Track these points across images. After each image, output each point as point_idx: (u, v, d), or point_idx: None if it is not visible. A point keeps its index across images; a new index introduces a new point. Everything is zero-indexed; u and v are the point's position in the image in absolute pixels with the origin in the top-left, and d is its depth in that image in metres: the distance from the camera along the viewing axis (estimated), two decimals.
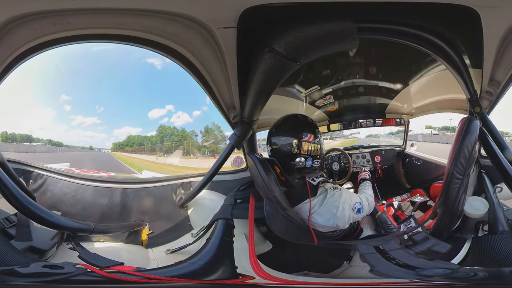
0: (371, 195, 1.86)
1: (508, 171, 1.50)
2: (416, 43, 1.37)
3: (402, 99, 2.69)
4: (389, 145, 3.11)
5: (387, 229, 1.93)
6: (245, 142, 1.77)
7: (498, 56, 1.39)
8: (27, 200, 1.31)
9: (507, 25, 1.27)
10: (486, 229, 1.63)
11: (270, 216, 1.56)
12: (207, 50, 1.38)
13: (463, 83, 1.54)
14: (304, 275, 1.62)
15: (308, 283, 1.56)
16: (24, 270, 1.16)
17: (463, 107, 1.97)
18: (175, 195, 2.04)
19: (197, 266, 1.42)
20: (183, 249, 1.74)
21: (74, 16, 1.24)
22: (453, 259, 1.48)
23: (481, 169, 1.83)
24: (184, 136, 4.75)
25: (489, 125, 1.59)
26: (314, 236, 1.47)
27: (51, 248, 1.47)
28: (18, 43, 1.30)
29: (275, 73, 1.35)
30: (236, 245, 1.62)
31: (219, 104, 1.67)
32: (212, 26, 1.27)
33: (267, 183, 1.43)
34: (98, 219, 1.84)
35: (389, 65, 2.24)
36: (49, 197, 1.80)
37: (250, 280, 1.45)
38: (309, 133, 1.56)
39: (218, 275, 1.45)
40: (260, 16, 1.21)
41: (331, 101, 2.67)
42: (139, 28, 1.31)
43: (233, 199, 1.83)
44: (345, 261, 1.76)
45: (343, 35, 1.18)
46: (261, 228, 1.87)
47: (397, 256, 1.52)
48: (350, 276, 1.69)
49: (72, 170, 2.00)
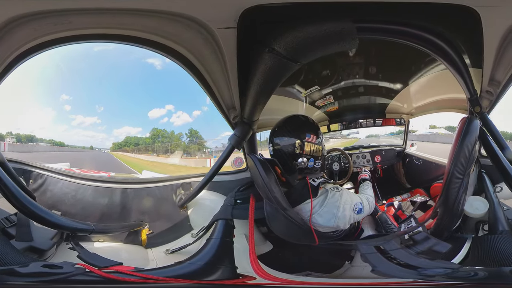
0: (371, 195, 1.86)
1: (508, 170, 1.50)
2: (416, 43, 1.37)
3: (402, 99, 2.69)
4: (389, 145, 3.11)
5: (387, 229, 1.93)
6: (245, 143, 1.77)
7: (498, 56, 1.38)
8: (27, 199, 1.30)
9: (507, 24, 1.27)
10: (486, 229, 1.63)
11: (271, 217, 1.56)
12: (207, 50, 1.38)
13: (463, 83, 1.54)
14: (306, 275, 1.62)
15: (309, 283, 1.56)
16: (24, 269, 1.16)
17: (463, 107, 1.97)
18: (175, 195, 2.04)
19: (197, 267, 1.42)
20: (182, 250, 1.74)
21: (75, 16, 1.24)
22: (454, 259, 1.48)
23: (481, 168, 1.83)
24: (172, 138, 5.42)
25: (489, 125, 1.58)
26: (315, 236, 1.47)
27: (51, 248, 1.47)
28: (19, 43, 1.30)
29: (275, 73, 1.35)
30: (236, 246, 1.62)
31: (219, 104, 1.67)
32: (212, 26, 1.27)
33: (267, 183, 1.44)
34: (98, 219, 1.84)
35: (389, 65, 2.24)
36: (49, 197, 1.80)
37: (250, 280, 1.45)
38: (311, 134, 1.57)
39: (217, 275, 1.45)
40: (260, 16, 1.21)
41: (331, 101, 2.67)
42: (139, 28, 1.31)
43: (233, 200, 1.83)
44: (347, 261, 1.76)
45: (343, 35, 1.18)
46: (262, 228, 1.87)
47: (398, 256, 1.52)
48: (352, 276, 1.69)
49: (72, 170, 2.00)
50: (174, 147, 5.33)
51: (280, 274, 1.54)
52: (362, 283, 1.56)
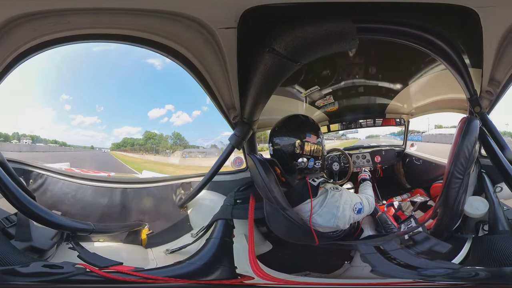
0: (371, 195, 1.86)
1: (508, 170, 1.50)
2: (416, 43, 1.37)
3: (402, 99, 2.69)
4: (389, 145, 3.12)
5: (387, 229, 1.93)
6: (245, 143, 1.77)
7: (498, 56, 1.38)
8: (27, 199, 1.31)
9: (507, 25, 1.27)
10: (486, 229, 1.63)
11: (270, 217, 1.56)
12: (208, 50, 1.38)
13: (463, 83, 1.53)
14: (305, 275, 1.62)
15: (308, 283, 1.55)
16: (25, 269, 1.16)
17: (463, 107, 1.97)
18: (175, 195, 2.03)
19: (196, 266, 1.42)
20: (182, 249, 1.74)
21: (74, 16, 1.24)
22: (454, 259, 1.48)
23: (481, 168, 1.83)
24: (160, 139, 6.22)
25: (489, 125, 1.58)
26: (315, 236, 1.46)
27: (51, 248, 1.47)
28: (18, 43, 1.29)
29: (275, 73, 1.35)
30: (236, 246, 1.62)
31: (219, 104, 1.67)
32: (213, 26, 1.27)
33: (267, 183, 1.43)
34: (98, 219, 1.84)
35: (389, 65, 2.24)
36: (49, 197, 1.80)
37: (249, 280, 1.44)
38: (312, 133, 1.56)
39: (216, 275, 1.45)
40: (261, 16, 1.21)
41: (331, 101, 2.67)
42: (140, 28, 1.31)
43: (233, 200, 1.82)
44: (346, 261, 1.75)
45: (343, 35, 1.18)
46: (261, 228, 1.87)
47: (398, 256, 1.52)
48: (352, 276, 1.68)
49: (72, 170, 2.00)
50: (162, 148, 6.16)
51: (278, 274, 1.54)
52: (361, 283, 1.56)
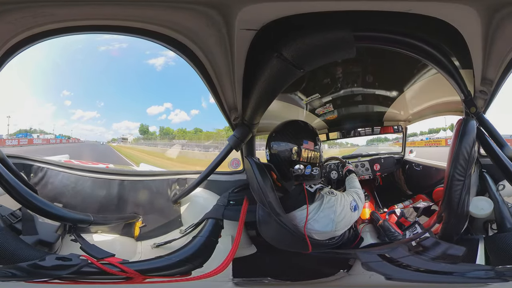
0: (359, 187, 1.79)
1: (509, 168, 1.49)
2: (405, 50, 1.40)
3: (398, 106, 2.73)
4: (388, 152, 3.12)
5: (391, 236, 1.86)
6: (244, 145, 1.76)
7: (485, 55, 1.39)
8: (29, 194, 1.32)
9: (477, 22, 1.24)
10: (495, 228, 1.58)
11: (262, 221, 1.51)
12: (218, 48, 1.36)
13: (456, 85, 1.56)
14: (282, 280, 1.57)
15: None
16: (44, 263, 1.19)
17: (459, 109, 1.99)
18: (170, 190, 2.01)
19: (168, 262, 1.39)
20: (168, 244, 1.70)
21: (56, 7, 1.17)
22: (476, 261, 1.44)
23: (482, 168, 1.82)
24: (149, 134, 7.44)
25: (486, 124, 1.58)
26: (309, 243, 1.41)
27: (57, 241, 1.47)
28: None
29: (279, 78, 1.36)
30: (220, 246, 1.58)
31: (221, 103, 1.65)
32: (237, 26, 1.22)
33: (262, 187, 1.40)
34: (96, 210, 1.82)
35: (383, 73, 2.28)
36: (50, 190, 1.78)
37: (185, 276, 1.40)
38: (309, 140, 1.54)
39: (178, 271, 1.41)
40: (277, 22, 1.22)
41: (331, 109, 2.70)
42: (147, 20, 1.27)
43: (227, 200, 1.78)
44: (342, 269, 1.67)
45: (343, 44, 1.22)
46: (250, 231, 1.82)
47: (412, 262, 1.45)
48: (349, 284, 1.63)
49: (71, 162, 1.98)
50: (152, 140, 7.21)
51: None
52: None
